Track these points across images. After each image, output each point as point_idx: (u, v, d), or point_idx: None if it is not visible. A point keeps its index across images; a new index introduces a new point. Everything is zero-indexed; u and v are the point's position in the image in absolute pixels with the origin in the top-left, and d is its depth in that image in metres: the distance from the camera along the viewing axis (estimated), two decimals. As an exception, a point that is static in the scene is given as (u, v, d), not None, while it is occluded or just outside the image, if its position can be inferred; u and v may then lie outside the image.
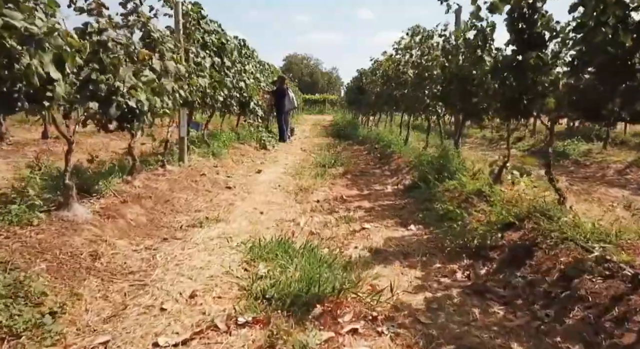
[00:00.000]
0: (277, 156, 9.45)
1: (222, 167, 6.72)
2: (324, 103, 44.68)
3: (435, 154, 6.09)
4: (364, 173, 7.59)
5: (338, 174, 7.35)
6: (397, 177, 6.76)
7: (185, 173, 5.60)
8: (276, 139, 12.54)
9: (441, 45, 5.95)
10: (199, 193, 5.13)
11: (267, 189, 5.89)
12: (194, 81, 5.66)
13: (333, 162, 8.34)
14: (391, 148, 9.03)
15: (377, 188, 6.21)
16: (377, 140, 11.17)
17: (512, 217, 3.40)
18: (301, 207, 4.96)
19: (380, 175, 7.35)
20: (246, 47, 10.13)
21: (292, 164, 8.41)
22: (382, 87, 11.80)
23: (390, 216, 4.60)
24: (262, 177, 6.79)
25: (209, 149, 7.22)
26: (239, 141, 9.54)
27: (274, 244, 3.33)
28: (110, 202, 3.75)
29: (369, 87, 14.41)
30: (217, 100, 7.06)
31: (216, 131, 8.99)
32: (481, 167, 5.35)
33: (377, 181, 6.79)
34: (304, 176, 6.91)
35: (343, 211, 4.81)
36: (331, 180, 6.70)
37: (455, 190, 4.85)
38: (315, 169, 7.78)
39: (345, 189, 6.17)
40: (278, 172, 7.34)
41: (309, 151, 10.69)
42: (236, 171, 6.97)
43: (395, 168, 7.49)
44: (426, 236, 3.89)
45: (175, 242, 3.44)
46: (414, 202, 5.13)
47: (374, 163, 8.79)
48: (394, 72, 10.10)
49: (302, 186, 6.02)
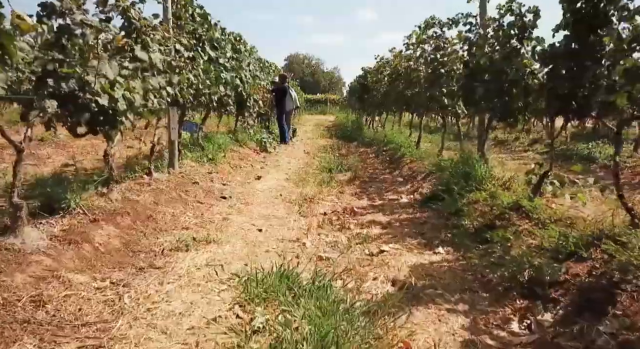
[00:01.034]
0: (278, 159, 8.79)
1: (217, 174, 6.05)
2: (326, 103, 44.02)
3: (455, 159, 5.41)
4: (373, 179, 6.92)
5: (345, 181, 6.69)
6: (411, 185, 6.09)
7: (174, 182, 4.93)
8: (277, 141, 11.89)
9: (463, 36, 5.27)
10: (188, 206, 4.46)
11: (267, 199, 5.22)
12: (184, 77, 4.99)
13: (339, 166, 7.67)
14: (401, 151, 8.35)
15: (390, 197, 5.53)
16: (384, 142, 10.50)
17: (572, 244, 2.72)
18: (306, 221, 4.29)
19: (391, 182, 6.67)
20: (242, 43, 9.47)
21: (295, 168, 7.74)
22: (389, 85, 11.13)
23: (411, 234, 3.93)
24: (262, 184, 6.12)
25: (203, 153, 6.56)
26: (237, 144, 8.88)
27: (275, 277, 2.67)
28: (77, 222, 3.08)
29: (375, 86, 13.74)
30: (212, 99, 6.39)
31: (212, 133, 8.32)
32: (512, 176, 4.67)
33: (389, 189, 6.11)
34: (308, 182, 6.24)
35: (355, 227, 4.14)
36: (338, 188, 6.03)
37: (486, 203, 4.18)
38: (320, 174, 7.11)
39: (355, 198, 5.50)
40: (280, 178, 6.67)
41: (312, 153, 10.03)
42: (233, 177, 6.30)
43: (408, 174, 6.82)
44: (459, 262, 3.21)
45: (152, 274, 2.77)
46: (436, 216, 4.45)
47: (383, 167, 8.12)
48: (404, 69, 9.43)
49: (307, 195, 5.35)
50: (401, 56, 9.71)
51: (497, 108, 4.17)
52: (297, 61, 71.59)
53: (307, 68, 71.59)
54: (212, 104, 6.57)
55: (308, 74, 69.55)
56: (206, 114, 7.27)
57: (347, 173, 7.41)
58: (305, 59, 73.46)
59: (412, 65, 8.70)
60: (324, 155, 9.74)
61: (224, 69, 7.37)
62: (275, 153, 9.65)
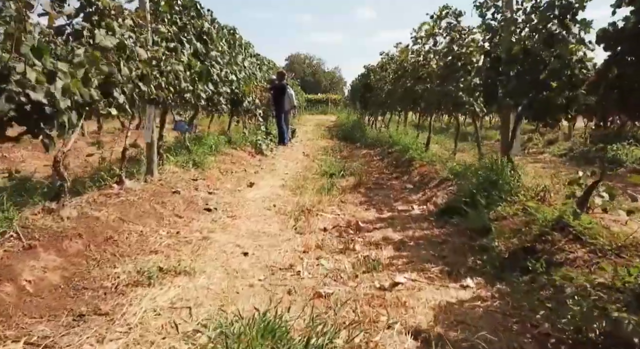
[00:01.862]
0: (275, 163, 8.08)
1: (204, 180, 5.36)
2: (327, 103, 43.42)
3: (476, 165, 4.70)
4: (379, 186, 6.21)
5: (348, 187, 5.99)
6: (423, 193, 5.38)
7: (151, 191, 4.24)
8: (275, 142, 11.20)
9: (486, 23, 4.56)
10: (163, 221, 3.76)
11: (258, 210, 4.52)
12: (162, 71, 4.30)
13: (341, 171, 6.97)
14: (409, 154, 7.64)
15: (400, 208, 4.83)
16: (390, 143, 9.80)
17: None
18: (302, 240, 3.59)
19: (400, 189, 5.96)
20: (237, 37, 8.77)
21: (292, 173, 7.04)
22: (395, 83, 10.43)
23: (430, 258, 3.22)
24: (255, 192, 5.42)
25: (189, 156, 5.86)
26: (230, 145, 8.18)
27: (257, 330, 1.96)
28: (2, 251, 2.38)
29: (378, 84, 13.04)
30: (199, 96, 5.70)
31: (203, 134, 7.63)
32: (547, 186, 3.96)
33: (398, 198, 5.41)
34: (307, 189, 5.54)
35: (361, 247, 3.45)
36: (340, 196, 5.33)
37: (518, 218, 3.48)
38: (321, 179, 6.42)
39: (360, 208, 4.80)
40: (275, 184, 5.97)
41: (312, 155, 9.33)
42: (222, 184, 5.60)
43: (418, 180, 6.11)
44: (496, 301, 2.50)
45: (93, 324, 2.07)
46: (457, 233, 3.75)
47: (390, 172, 7.41)
48: (411, 65, 8.73)
49: (304, 206, 4.66)
50: (407, 51, 9.01)
51: (531, 105, 3.46)
52: (298, 61, 70.99)
53: (308, 68, 70.98)
54: (200, 103, 5.88)
55: (309, 74, 68.93)
56: (194, 113, 6.57)
57: (350, 178, 6.71)
58: (306, 58, 72.85)
59: (420, 60, 8.00)
60: (325, 157, 9.04)
61: (216, 64, 6.68)
62: (272, 156, 8.95)
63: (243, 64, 9.11)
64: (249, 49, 11.00)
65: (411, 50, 8.74)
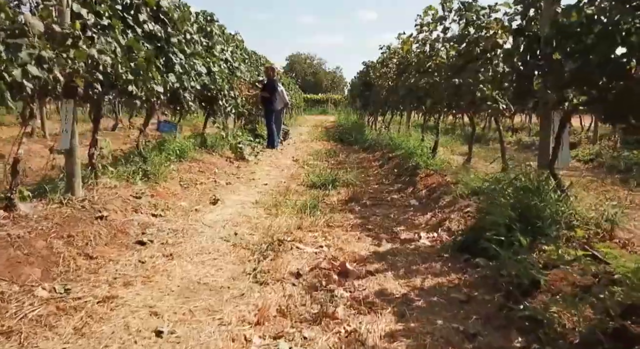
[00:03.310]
0: (256, 170, 6.92)
1: (153, 198, 4.20)
2: (327, 103, 42.40)
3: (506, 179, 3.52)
4: (378, 201, 5.05)
5: (339, 203, 4.83)
6: (432, 214, 4.21)
7: (59, 218, 3.07)
8: (263, 145, 10.05)
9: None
10: (56, 269, 2.59)
11: (211, 243, 3.36)
12: (80, 53, 3.14)
13: (333, 180, 5.81)
14: (413, 160, 6.48)
15: (404, 236, 3.66)
16: (390, 147, 8.64)
17: None
18: (260, 298, 2.43)
19: (403, 206, 4.80)
20: (214, 24, 7.61)
21: (273, 184, 5.88)
22: (397, 79, 9.27)
23: (453, 338, 2.05)
24: (217, 213, 4.25)
25: (139, 166, 4.69)
26: (204, 150, 7.02)
27: None
28: None
29: (378, 81, 11.88)
30: (152, 91, 4.54)
31: (171, 137, 6.45)
32: (614, 215, 2.79)
33: (401, 219, 4.24)
34: (286, 207, 4.39)
35: (346, 311, 2.28)
36: (328, 216, 4.16)
37: (580, 267, 2.31)
38: (307, 192, 5.27)
39: (351, 236, 3.64)
40: (246, 201, 4.81)
41: (302, 161, 8.17)
42: (177, 201, 4.44)
43: (425, 195, 4.94)
44: None
45: None
46: (486, 285, 2.59)
47: (390, 182, 6.25)
48: (415, 57, 7.57)
49: (277, 234, 3.50)
50: (410, 42, 7.84)
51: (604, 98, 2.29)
52: (299, 61, 69.89)
53: (308, 68, 69.87)
54: (153, 99, 4.71)
55: (310, 74, 67.81)
56: (148, 111, 5.40)
57: (343, 190, 5.56)
58: (307, 58, 71.72)
59: (427, 50, 6.84)
60: (316, 163, 7.88)
61: (179, 53, 5.53)
62: (256, 162, 7.78)
63: (224, 56, 7.95)
64: (235, 42, 9.85)
65: (415, 39, 7.58)
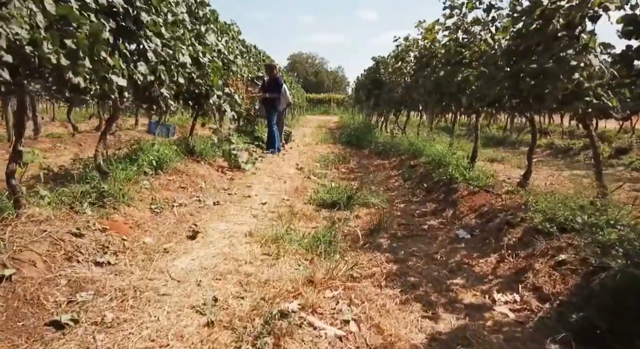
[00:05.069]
0: (252, 183, 5.67)
1: (105, 233, 2.97)
2: (330, 102, 41.26)
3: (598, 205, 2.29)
4: (412, 230, 3.81)
5: (362, 233, 3.59)
6: (500, 257, 2.97)
7: None
8: (263, 149, 8.83)
9: None
10: None
11: (173, 321, 2.12)
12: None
13: (350, 198, 4.59)
14: (445, 170, 5.25)
15: (469, 301, 2.43)
16: (411, 152, 7.41)
17: None
18: None
19: (448, 238, 3.56)
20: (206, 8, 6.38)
21: (273, 203, 4.65)
22: (416, 74, 8.03)
23: None
24: (193, 255, 3.00)
25: (96, 185, 3.47)
26: (192, 158, 5.79)
27: None
28: None
29: (391, 77, 10.64)
30: (109, 82, 3.33)
31: (148, 143, 5.22)
32: None
33: (453, 264, 3.00)
34: (290, 243, 3.16)
35: None
36: (349, 258, 2.94)
37: None
38: (316, 215, 4.06)
39: (388, 299, 2.41)
40: (237, 231, 3.57)
41: (307, 169, 6.94)
42: (142, 236, 3.21)
43: (477, 224, 3.70)
44: None
45: None
46: None
47: (420, 199, 5.01)
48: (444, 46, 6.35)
49: (277, 297, 2.28)
50: (436, 30, 6.61)
51: None
52: (301, 60, 68.74)
53: (310, 67, 68.71)
54: (114, 95, 3.49)
55: (311, 74, 66.64)
56: (112, 112, 4.15)
57: (362, 211, 4.35)
58: (308, 58, 70.57)
59: (462, 37, 5.61)
60: (324, 172, 6.66)
61: (157, 37, 4.31)
62: (253, 171, 6.54)
63: (216, 46, 6.72)
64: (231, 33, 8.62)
65: (442, 26, 6.35)
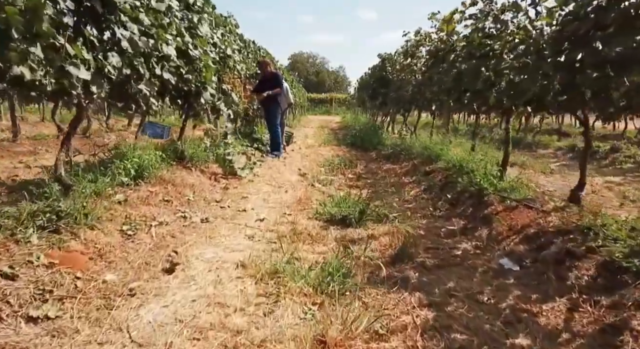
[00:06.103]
0: (250, 193, 4.96)
1: (52, 269, 2.27)
2: (331, 102, 40.63)
3: None
4: (442, 257, 3.11)
5: (384, 261, 2.87)
6: (570, 302, 2.26)
7: None
8: (262, 151, 8.14)
9: None
10: None
11: None
12: None
13: (361, 212, 3.89)
14: (473, 179, 4.55)
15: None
16: (425, 157, 6.70)
17: None
18: None
19: (489, 269, 2.86)
20: None
21: (273, 218, 3.94)
22: (430, 70, 7.33)
23: None
24: (166, 301, 2.28)
25: (52, 203, 2.76)
26: (181, 164, 5.09)
27: None
28: None
29: (400, 75, 9.94)
30: (67, 75, 2.64)
31: (130, 148, 4.52)
32: None
33: (505, 310, 2.29)
34: (293, 278, 2.46)
35: None
36: (368, 301, 2.24)
37: None
38: (323, 236, 3.35)
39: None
40: (227, 260, 2.85)
41: (311, 176, 6.23)
42: (102, 272, 2.50)
43: (526, 249, 3.00)
44: None
45: None
46: None
47: (443, 214, 4.30)
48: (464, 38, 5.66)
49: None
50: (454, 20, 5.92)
51: None
52: (302, 60, 68.09)
53: (311, 67, 68.05)
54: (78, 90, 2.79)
55: (312, 73, 65.98)
56: (77, 111, 3.44)
57: (379, 229, 3.64)
58: (309, 58, 69.90)
59: (488, 26, 4.91)
60: (330, 179, 5.96)
61: (134, 23, 3.61)
62: (251, 177, 5.84)
63: (211, 39, 6.01)
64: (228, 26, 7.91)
65: (462, 16, 5.66)
